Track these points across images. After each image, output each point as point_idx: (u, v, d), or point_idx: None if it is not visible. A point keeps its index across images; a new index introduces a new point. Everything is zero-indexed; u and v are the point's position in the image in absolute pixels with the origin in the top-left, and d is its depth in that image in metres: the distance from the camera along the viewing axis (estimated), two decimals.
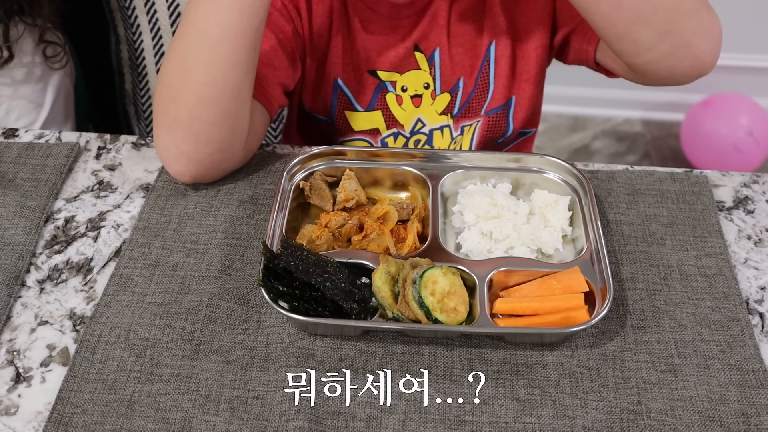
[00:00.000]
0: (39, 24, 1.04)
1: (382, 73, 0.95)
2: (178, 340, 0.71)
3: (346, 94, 0.96)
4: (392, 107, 0.97)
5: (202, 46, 0.79)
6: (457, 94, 0.97)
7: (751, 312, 0.76)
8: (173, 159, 0.83)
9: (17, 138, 0.94)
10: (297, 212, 0.83)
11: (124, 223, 0.83)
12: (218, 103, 0.80)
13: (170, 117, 0.81)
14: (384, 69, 0.95)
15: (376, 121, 0.98)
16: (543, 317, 0.72)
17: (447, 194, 0.85)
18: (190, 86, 0.79)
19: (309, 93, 0.99)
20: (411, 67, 0.95)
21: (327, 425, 0.66)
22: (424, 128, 0.98)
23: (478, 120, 1.00)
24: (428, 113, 0.97)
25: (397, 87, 0.96)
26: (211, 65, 0.78)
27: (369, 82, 0.96)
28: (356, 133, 0.99)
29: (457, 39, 0.95)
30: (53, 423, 0.65)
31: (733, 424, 0.66)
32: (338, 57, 0.95)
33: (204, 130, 0.81)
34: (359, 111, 0.97)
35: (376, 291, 0.71)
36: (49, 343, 0.72)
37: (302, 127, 1.07)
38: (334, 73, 0.95)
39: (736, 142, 1.98)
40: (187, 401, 0.67)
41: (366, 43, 0.94)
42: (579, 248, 0.79)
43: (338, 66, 0.95)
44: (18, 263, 0.78)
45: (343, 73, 0.95)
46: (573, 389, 0.69)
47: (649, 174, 0.90)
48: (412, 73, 0.95)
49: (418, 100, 0.96)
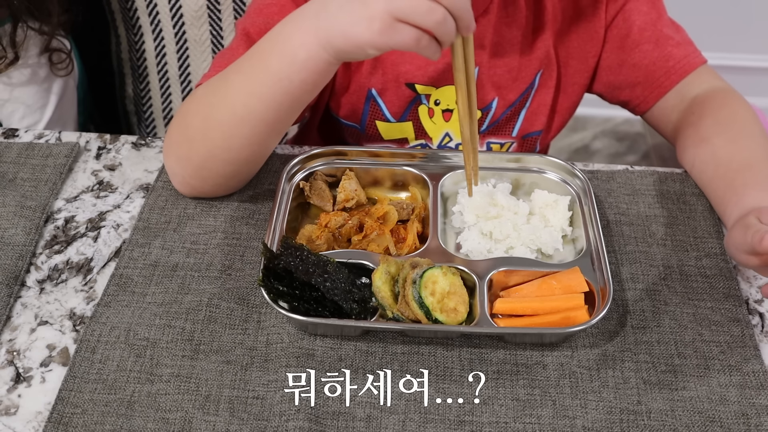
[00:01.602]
0: (47, 31, 1.05)
1: (419, 87, 0.93)
2: (178, 340, 0.71)
3: (378, 104, 0.94)
4: (423, 119, 0.95)
5: (229, 113, 0.76)
6: (489, 113, 0.95)
7: (751, 312, 0.76)
8: (178, 183, 0.84)
9: (17, 138, 0.94)
10: (297, 212, 0.83)
11: (124, 223, 0.83)
12: (230, 164, 0.80)
13: (182, 152, 0.81)
14: (422, 83, 0.93)
15: (406, 131, 0.96)
16: (543, 317, 0.72)
17: (447, 194, 0.85)
18: (207, 142, 0.79)
19: (338, 100, 0.96)
20: (447, 82, 0.93)
21: (327, 425, 0.66)
22: (451, 143, 0.97)
23: (512, 142, 1.00)
24: (457, 129, 0.95)
25: (430, 100, 0.94)
26: (231, 136, 0.77)
27: (405, 94, 0.94)
28: (385, 142, 0.97)
29: (500, 61, 0.93)
30: (53, 423, 0.65)
31: (733, 424, 0.66)
32: (373, 68, 0.93)
33: (212, 178, 0.82)
34: (391, 122, 0.96)
35: (376, 291, 0.71)
36: (49, 343, 0.72)
37: (325, 129, 1.05)
38: (367, 83, 0.93)
39: None
40: (187, 401, 0.67)
41: (406, 56, 0.91)
42: (579, 248, 0.79)
43: (373, 77, 0.93)
44: (18, 263, 0.78)
45: (377, 83, 0.93)
46: (573, 389, 0.69)
47: (649, 174, 0.90)
48: (448, 88, 0.93)
49: (448, 115, 0.95)
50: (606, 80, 0.98)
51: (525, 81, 0.95)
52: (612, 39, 0.95)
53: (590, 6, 0.94)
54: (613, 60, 0.96)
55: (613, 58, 0.96)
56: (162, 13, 1.12)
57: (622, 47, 0.95)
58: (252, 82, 0.74)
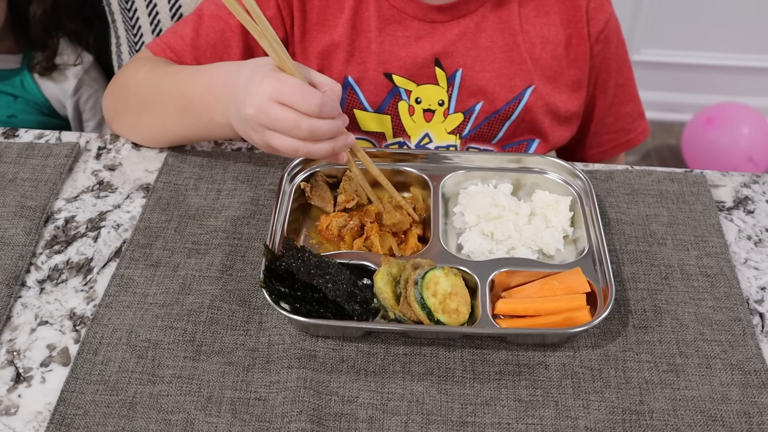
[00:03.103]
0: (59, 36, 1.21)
1: (397, 78, 0.92)
2: (180, 341, 0.71)
3: (356, 92, 0.94)
4: (403, 116, 0.95)
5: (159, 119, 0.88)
6: (471, 116, 0.95)
7: (752, 312, 0.76)
8: (109, 126, 0.96)
9: (17, 138, 0.93)
10: (298, 213, 0.83)
11: (124, 223, 0.83)
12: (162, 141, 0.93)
13: (119, 110, 0.93)
14: (400, 74, 0.92)
15: (385, 125, 0.96)
16: (545, 318, 0.72)
17: (448, 195, 0.85)
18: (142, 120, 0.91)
19: None
20: (428, 80, 0.92)
21: (329, 426, 0.66)
22: (430, 144, 0.96)
23: (492, 151, 0.98)
24: (437, 130, 0.95)
25: (411, 97, 0.94)
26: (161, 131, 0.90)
27: (382, 84, 0.93)
28: (363, 133, 0.97)
29: (489, 65, 0.92)
30: (55, 424, 0.65)
31: (735, 423, 0.67)
32: (350, 55, 0.92)
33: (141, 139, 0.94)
34: (369, 111, 0.96)
35: (377, 292, 0.71)
36: (49, 343, 0.72)
37: None
38: (344, 71, 0.93)
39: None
40: (189, 402, 0.67)
41: (384, 44, 0.91)
42: (580, 249, 0.79)
43: (349, 65, 0.93)
44: (18, 263, 0.78)
45: (354, 71, 0.93)
46: (575, 390, 0.69)
47: (648, 174, 0.90)
48: (429, 87, 0.93)
49: (429, 115, 0.95)
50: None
51: (513, 91, 0.93)
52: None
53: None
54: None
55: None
56: (162, 13, 1.11)
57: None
58: (177, 113, 0.86)
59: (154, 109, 0.88)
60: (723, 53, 2.13)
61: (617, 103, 1.02)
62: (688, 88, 2.21)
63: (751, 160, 1.96)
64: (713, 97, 2.15)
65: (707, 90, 2.18)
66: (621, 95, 1.01)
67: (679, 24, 2.03)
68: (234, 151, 0.92)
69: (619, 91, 1.01)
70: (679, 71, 2.18)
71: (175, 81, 0.86)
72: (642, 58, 2.12)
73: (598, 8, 0.94)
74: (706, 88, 2.20)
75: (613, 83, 1.00)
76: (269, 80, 0.72)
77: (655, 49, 2.13)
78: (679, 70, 2.18)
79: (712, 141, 2.01)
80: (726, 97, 2.15)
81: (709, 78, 2.18)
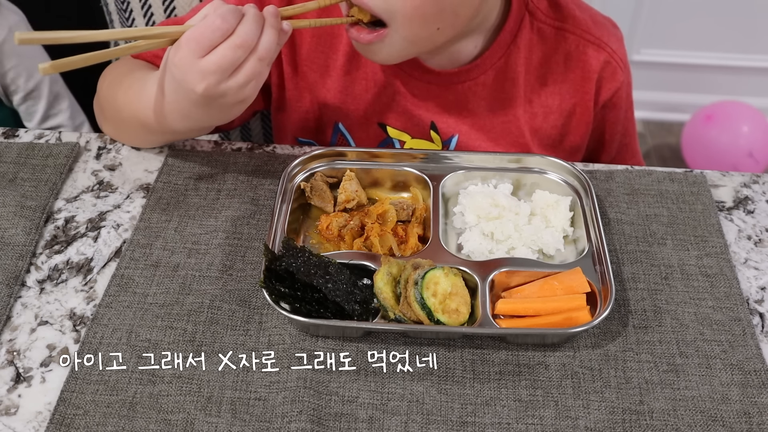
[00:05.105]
0: None
1: (391, 130, 0.92)
2: (180, 341, 0.71)
3: (345, 137, 0.94)
4: None
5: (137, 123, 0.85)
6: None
7: (752, 312, 0.76)
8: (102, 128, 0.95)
9: (17, 138, 0.93)
10: (298, 213, 0.83)
11: (124, 223, 0.83)
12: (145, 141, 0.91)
13: (107, 114, 0.92)
14: (394, 127, 0.92)
15: None
16: (545, 318, 0.72)
17: (448, 195, 0.85)
18: (126, 122, 0.88)
19: (302, 127, 0.96)
20: (423, 137, 0.92)
21: (329, 426, 0.66)
22: None
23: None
24: None
25: (405, 146, 0.93)
26: (142, 132, 0.88)
27: (375, 133, 0.92)
28: None
29: (486, 134, 0.91)
30: (55, 424, 0.65)
31: (735, 423, 0.67)
32: (342, 102, 0.91)
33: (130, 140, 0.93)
34: None
35: (377, 292, 0.71)
36: (49, 343, 0.72)
37: None
38: (334, 116, 0.92)
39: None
40: (189, 402, 0.67)
41: (381, 96, 0.90)
42: (580, 249, 0.79)
43: (340, 111, 0.91)
44: (18, 263, 0.78)
45: (344, 118, 0.92)
46: (575, 390, 0.69)
47: (647, 174, 0.90)
48: (424, 142, 0.92)
49: None
50: None
51: (501, 143, 0.93)
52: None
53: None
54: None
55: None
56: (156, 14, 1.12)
57: None
58: (143, 130, 0.86)
59: (122, 124, 0.90)
60: (723, 53, 2.13)
61: (619, 159, 1.01)
62: (687, 88, 2.21)
63: (751, 156, 1.97)
64: (713, 96, 2.15)
65: (707, 90, 2.19)
66: (624, 153, 1.02)
67: (679, 24, 2.03)
68: (234, 151, 0.92)
69: (622, 150, 1.01)
70: (679, 71, 2.19)
71: (127, 102, 0.85)
72: (642, 58, 2.12)
73: (610, 77, 0.92)
74: (705, 88, 2.20)
75: (617, 144, 1.00)
76: (180, 53, 0.70)
77: (655, 49, 2.13)
78: (679, 70, 2.18)
79: (711, 139, 2.02)
80: (726, 96, 2.15)
81: (709, 78, 2.19)
